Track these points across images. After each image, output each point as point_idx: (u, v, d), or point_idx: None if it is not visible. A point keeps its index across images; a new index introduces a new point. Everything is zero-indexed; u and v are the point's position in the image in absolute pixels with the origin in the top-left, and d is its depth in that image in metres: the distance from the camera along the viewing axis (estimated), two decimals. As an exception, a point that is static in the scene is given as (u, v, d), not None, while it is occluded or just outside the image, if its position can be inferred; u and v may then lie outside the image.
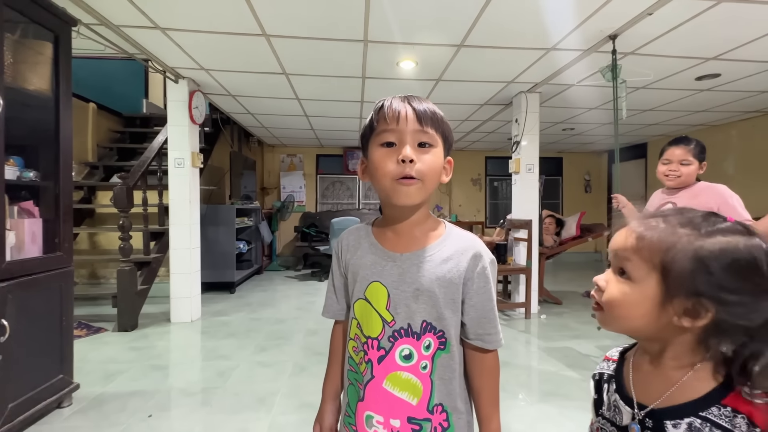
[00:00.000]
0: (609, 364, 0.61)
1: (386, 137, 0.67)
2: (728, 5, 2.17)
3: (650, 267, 0.48)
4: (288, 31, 2.53)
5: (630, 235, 0.51)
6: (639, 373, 0.55)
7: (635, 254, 0.50)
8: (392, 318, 0.68)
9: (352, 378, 0.73)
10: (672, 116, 4.75)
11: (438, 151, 0.68)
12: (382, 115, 0.67)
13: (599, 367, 0.63)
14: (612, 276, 0.53)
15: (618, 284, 0.51)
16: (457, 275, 0.68)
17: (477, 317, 0.70)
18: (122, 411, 1.93)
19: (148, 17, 2.36)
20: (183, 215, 3.44)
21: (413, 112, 0.66)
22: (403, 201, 0.67)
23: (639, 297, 0.49)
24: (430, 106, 0.69)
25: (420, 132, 0.66)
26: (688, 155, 1.80)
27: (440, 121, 0.69)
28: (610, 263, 0.56)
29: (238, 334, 3.12)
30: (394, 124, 0.66)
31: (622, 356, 0.60)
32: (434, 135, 0.67)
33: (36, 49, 1.89)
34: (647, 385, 0.53)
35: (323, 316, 0.81)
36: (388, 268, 0.70)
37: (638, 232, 0.50)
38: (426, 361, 0.68)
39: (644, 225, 0.51)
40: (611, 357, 0.62)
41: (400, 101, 0.68)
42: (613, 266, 0.53)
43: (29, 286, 1.73)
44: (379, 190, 0.69)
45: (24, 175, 1.82)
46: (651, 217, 0.51)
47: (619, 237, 0.53)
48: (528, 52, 2.83)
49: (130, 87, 5.67)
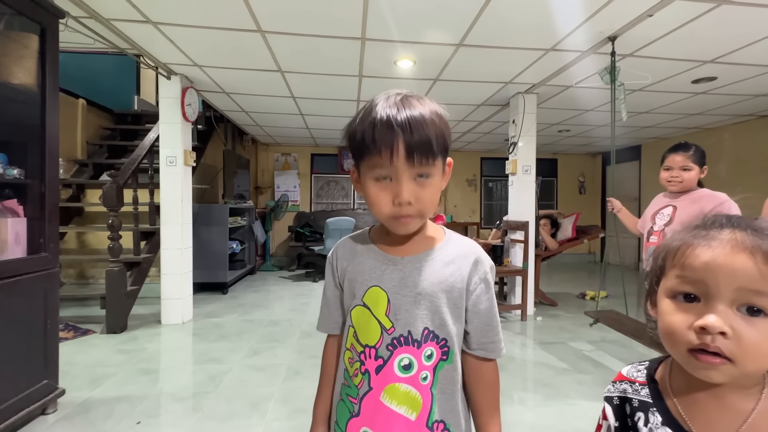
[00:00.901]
0: (635, 388, 0.53)
1: (380, 172, 0.60)
2: (729, 8, 2.16)
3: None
4: (284, 27, 2.48)
5: (757, 259, 0.40)
6: (690, 404, 0.47)
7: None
8: (392, 325, 0.64)
9: (344, 393, 0.68)
10: (667, 119, 4.77)
11: (437, 179, 0.62)
12: (375, 143, 0.58)
13: (616, 389, 0.55)
14: (736, 317, 0.41)
15: (756, 327, 0.40)
16: (460, 279, 0.65)
17: (481, 325, 0.67)
18: (109, 417, 1.87)
19: (140, 11, 2.29)
20: (175, 214, 3.36)
21: (406, 148, 0.57)
22: (402, 233, 0.65)
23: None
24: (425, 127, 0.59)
25: (415, 167, 0.59)
26: (688, 161, 1.83)
27: (440, 139, 0.60)
28: (688, 296, 0.44)
29: (230, 337, 3.05)
30: (388, 161, 0.58)
31: (653, 380, 0.51)
32: (432, 164, 0.60)
33: (21, 42, 1.82)
34: (707, 417, 0.45)
35: (318, 330, 0.77)
36: (389, 272, 0.66)
37: (765, 252, 0.40)
38: (427, 372, 0.64)
39: (754, 244, 0.41)
40: (636, 379, 0.54)
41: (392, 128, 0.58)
42: (730, 301, 0.41)
43: (12, 289, 1.67)
44: (376, 218, 0.66)
45: (7, 172, 1.75)
46: (722, 229, 0.44)
47: (740, 263, 0.41)
48: (527, 52, 2.81)
49: (121, 83, 5.56)
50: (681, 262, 0.45)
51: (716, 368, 0.41)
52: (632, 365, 0.56)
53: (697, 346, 0.42)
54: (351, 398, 0.67)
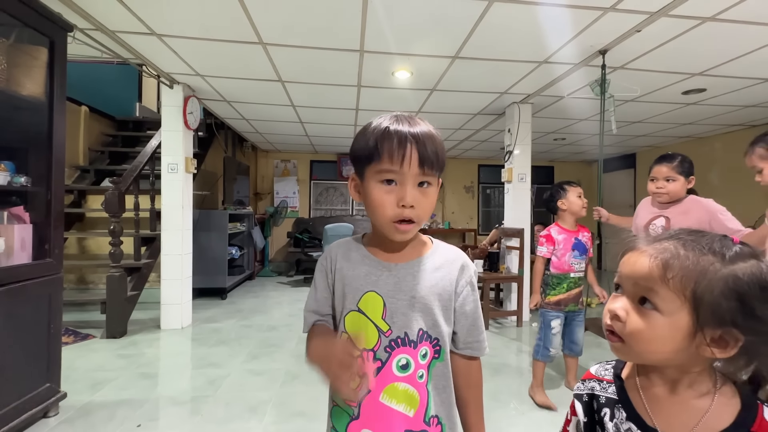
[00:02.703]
0: (603, 386, 0.57)
1: (387, 176, 0.66)
2: (713, 24, 2.25)
3: (681, 299, 0.46)
4: (285, 40, 2.55)
5: (653, 263, 0.48)
6: (652, 400, 0.52)
7: (663, 285, 0.47)
8: (389, 327, 0.69)
9: (339, 398, 0.71)
10: (660, 128, 4.85)
11: (434, 188, 0.69)
12: (387, 150, 0.64)
13: (585, 387, 0.59)
14: (631, 305, 0.50)
15: (643, 316, 0.48)
16: (449, 283, 0.71)
17: (467, 325, 0.73)
18: (110, 420, 1.90)
19: (145, 23, 2.36)
20: (175, 221, 3.41)
21: (417, 153, 0.65)
22: (397, 239, 0.69)
23: (669, 330, 0.47)
24: (433, 141, 0.66)
25: (422, 174, 0.66)
26: (672, 172, 1.83)
27: (440, 153, 0.67)
28: (617, 287, 0.53)
29: (229, 342, 3.09)
30: (398, 166, 0.64)
31: (619, 378, 0.56)
32: (434, 175, 0.67)
33: (31, 54, 1.88)
34: (667, 414, 0.50)
35: (305, 332, 0.76)
36: (384, 277, 0.70)
37: (662, 259, 0.47)
38: (422, 370, 0.69)
39: (664, 251, 0.48)
40: (603, 377, 0.58)
41: (404, 133, 0.65)
42: (630, 294, 0.50)
43: (17, 294, 1.71)
44: (375, 224, 0.70)
45: (15, 180, 1.80)
46: (662, 240, 0.50)
47: (639, 264, 0.49)
48: (521, 64, 2.89)
49: (123, 90, 5.64)
50: (620, 260, 0.55)
51: (614, 345, 0.51)
52: (600, 364, 0.61)
53: (606, 327, 0.52)
54: (349, 402, 0.70)
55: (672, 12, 2.12)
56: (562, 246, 2.16)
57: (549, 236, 2.18)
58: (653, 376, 0.52)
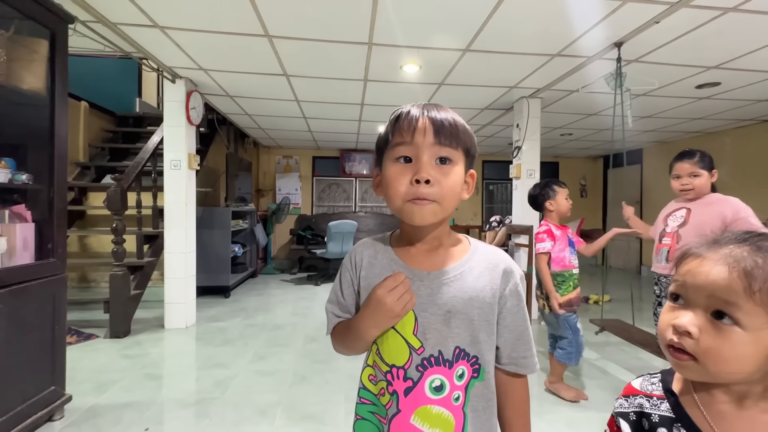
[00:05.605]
0: (654, 402, 0.52)
1: (401, 151, 0.61)
2: (734, 15, 2.18)
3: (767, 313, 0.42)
4: (292, 32, 2.48)
5: (733, 274, 0.43)
6: (717, 418, 0.48)
7: (747, 299, 0.42)
8: (421, 344, 0.62)
9: (367, 412, 0.66)
10: (669, 123, 4.78)
11: (458, 169, 0.62)
12: (398, 126, 0.62)
13: (631, 404, 0.53)
14: (704, 320, 0.45)
15: (721, 332, 0.44)
16: (491, 293, 0.64)
17: (512, 339, 0.65)
18: (117, 424, 1.86)
19: (148, 15, 2.29)
20: (179, 218, 3.35)
21: (431, 123, 0.60)
22: (416, 222, 0.62)
23: (754, 348, 0.42)
24: (451, 115, 0.62)
25: (439, 147, 0.60)
26: (696, 167, 1.84)
27: (462, 132, 0.62)
28: (675, 297, 0.48)
29: (234, 341, 3.04)
30: (410, 137, 0.60)
31: (671, 393, 0.51)
32: (454, 150, 0.61)
33: (31, 47, 1.81)
34: (733, 430, 0.47)
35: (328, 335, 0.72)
36: (415, 288, 0.63)
37: (743, 270, 0.43)
38: (459, 391, 0.62)
39: (741, 259, 0.44)
40: (652, 392, 0.53)
41: (418, 110, 0.62)
42: (703, 306, 0.45)
43: (20, 295, 1.65)
44: (392, 209, 0.64)
45: (16, 177, 1.74)
46: (726, 244, 0.46)
47: (714, 274, 0.44)
48: (533, 57, 2.82)
49: (123, 85, 5.56)
50: (678, 267, 0.50)
51: (683, 364, 0.46)
52: (643, 377, 0.56)
53: (671, 343, 0.46)
54: (379, 417, 0.65)
55: (693, 2, 2.05)
56: (560, 242, 2.14)
57: (549, 231, 2.15)
58: (716, 392, 0.48)
